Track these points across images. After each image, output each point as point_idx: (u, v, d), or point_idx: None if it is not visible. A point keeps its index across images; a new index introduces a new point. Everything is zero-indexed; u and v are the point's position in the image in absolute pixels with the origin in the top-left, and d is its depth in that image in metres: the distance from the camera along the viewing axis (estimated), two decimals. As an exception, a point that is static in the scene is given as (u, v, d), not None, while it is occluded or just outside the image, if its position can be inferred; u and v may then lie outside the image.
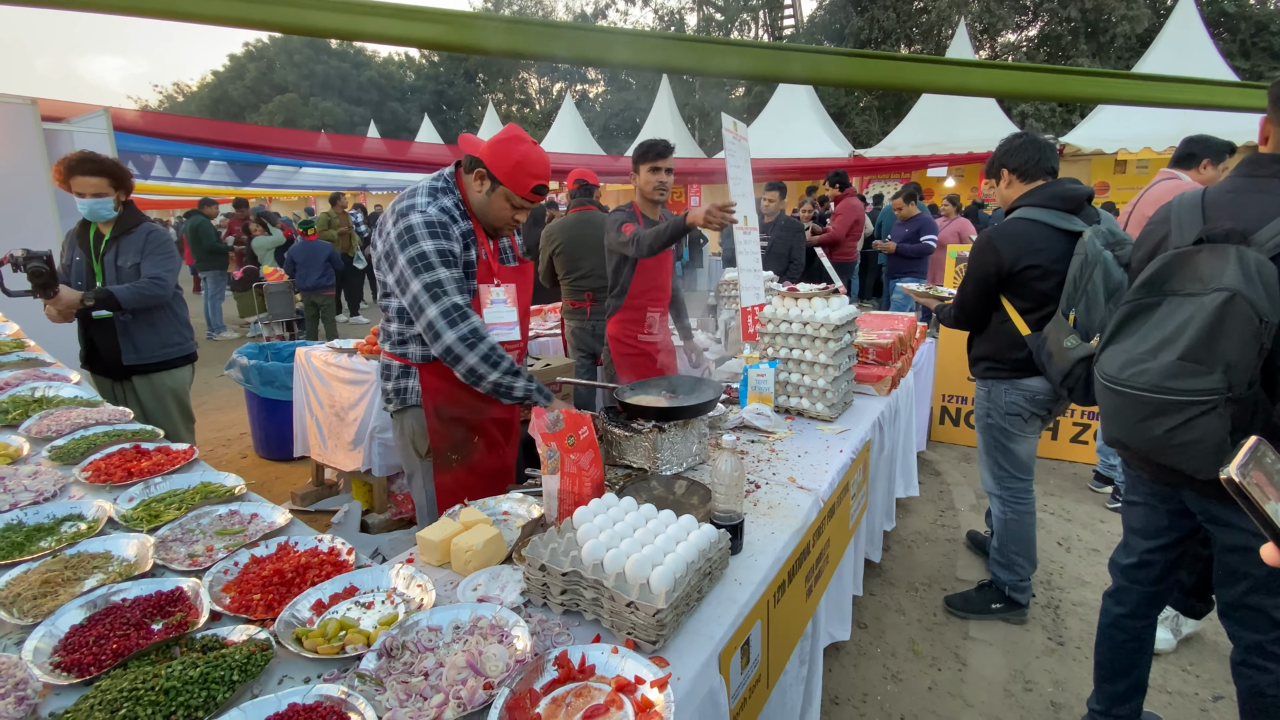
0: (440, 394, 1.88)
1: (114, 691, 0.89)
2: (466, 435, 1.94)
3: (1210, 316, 1.39)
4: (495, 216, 1.82)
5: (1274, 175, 1.47)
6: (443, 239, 1.71)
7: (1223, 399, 1.38)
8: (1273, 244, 1.39)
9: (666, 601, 1.06)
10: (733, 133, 3.26)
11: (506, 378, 1.72)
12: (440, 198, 1.77)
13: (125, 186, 2.83)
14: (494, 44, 2.30)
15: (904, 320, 3.26)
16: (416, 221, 1.69)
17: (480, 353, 1.68)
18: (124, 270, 2.78)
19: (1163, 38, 10.98)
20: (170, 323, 2.94)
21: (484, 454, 1.99)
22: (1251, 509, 0.53)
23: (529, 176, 1.76)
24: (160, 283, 2.80)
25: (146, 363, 2.88)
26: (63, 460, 1.74)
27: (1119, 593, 1.94)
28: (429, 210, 1.72)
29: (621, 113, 25.19)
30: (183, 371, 3.03)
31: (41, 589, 1.17)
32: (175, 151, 10.96)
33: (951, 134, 12.10)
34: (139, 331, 2.84)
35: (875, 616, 2.69)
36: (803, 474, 1.83)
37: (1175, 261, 1.50)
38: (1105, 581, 1.99)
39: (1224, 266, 1.39)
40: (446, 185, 1.82)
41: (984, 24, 18.84)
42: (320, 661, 1.02)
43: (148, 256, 2.81)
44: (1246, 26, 17.14)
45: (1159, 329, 1.50)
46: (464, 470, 1.95)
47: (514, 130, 1.80)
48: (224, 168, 15.37)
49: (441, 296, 1.67)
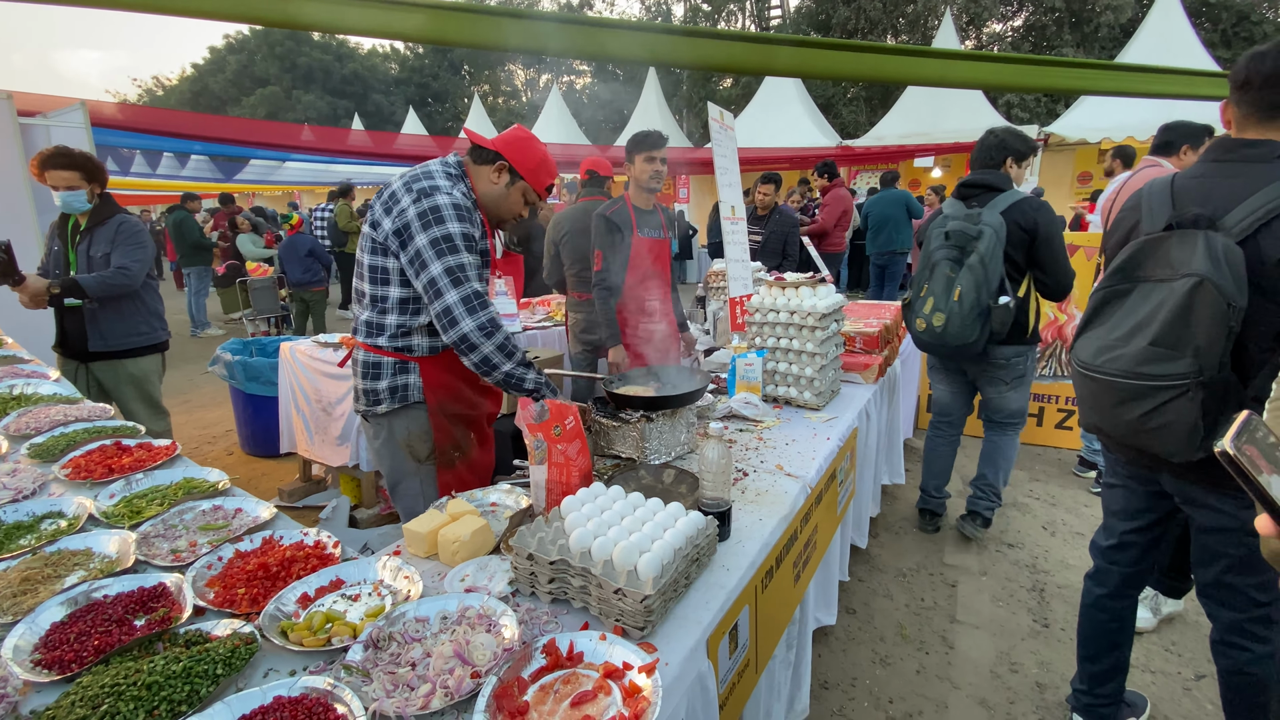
0: (445, 389, 1.84)
1: (95, 687, 0.88)
2: (465, 432, 1.92)
3: (1180, 302, 1.41)
4: (507, 210, 1.86)
5: (1241, 159, 1.49)
6: (468, 223, 1.69)
7: (1194, 382, 1.40)
8: (1240, 228, 1.41)
9: (654, 588, 1.06)
10: (719, 122, 3.25)
11: (519, 369, 1.71)
12: (456, 183, 1.75)
13: (98, 180, 2.91)
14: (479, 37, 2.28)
15: (890, 309, 3.28)
16: (444, 203, 1.65)
17: (496, 342, 1.66)
18: (95, 260, 2.87)
19: (1145, 27, 11.04)
20: (138, 312, 3.02)
21: (478, 451, 1.98)
22: (1247, 481, 0.55)
23: (549, 175, 1.86)
24: (126, 272, 2.87)
25: (112, 349, 2.96)
26: (42, 457, 1.71)
27: (1099, 574, 1.97)
28: (454, 193, 1.69)
29: (609, 104, 25.07)
30: (148, 360, 3.11)
31: (21, 586, 1.16)
32: (155, 146, 10.78)
33: (938, 124, 12.14)
34: (106, 319, 2.92)
35: (864, 602, 2.72)
36: (790, 461, 1.84)
37: (1146, 248, 1.52)
38: (1089, 564, 2.02)
39: (1192, 252, 1.41)
40: (460, 173, 1.80)
41: (970, 14, 18.89)
42: (306, 654, 1.02)
43: (118, 247, 2.88)
44: (1228, 16, 17.30)
45: (1131, 315, 1.52)
46: (464, 468, 1.92)
47: (526, 130, 1.88)
48: (205, 163, 15.14)
49: (463, 282, 1.63)
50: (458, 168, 1.80)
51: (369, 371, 1.81)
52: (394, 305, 1.75)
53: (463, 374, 1.85)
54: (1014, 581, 2.87)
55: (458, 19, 2.23)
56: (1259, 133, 1.48)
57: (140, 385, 3.09)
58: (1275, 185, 1.39)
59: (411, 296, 1.74)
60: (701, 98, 21.92)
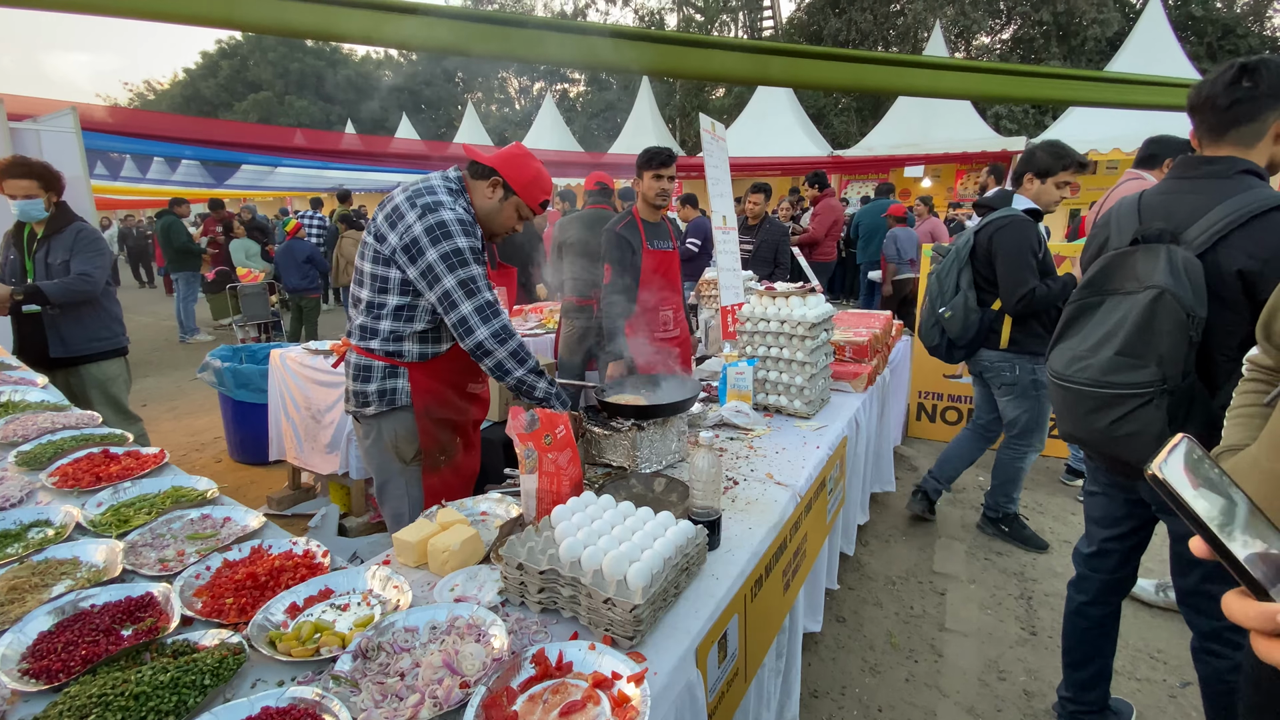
0: (431, 394, 1.87)
1: (83, 697, 0.88)
2: (451, 436, 1.95)
3: (1142, 313, 1.47)
4: (501, 224, 1.91)
5: (1203, 175, 1.55)
6: (472, 237, 1.75)
7: (1158, 390, 1.45)
8: (1199, 241, 1.46)
9: (643, 598, 1.07)
10: (711, 133, 3.29)
11: (530, 375, 1.79)
12: (457, 199, 1.81)
13: (55, 189, 2.98)
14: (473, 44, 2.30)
15: (880, 318, 3.31)
16: (450, 218, 1.72)
17: (510, 349, 1.74)
18: (54, 267, 2.93)
19: (1132, 41, 11.24)
20: (98, 318, 3.06)
21: (464, 455, 2.01)
22: (1177, 505, 0.55)
23: (541, 191, 1.90)
24: (88, 279, 2.92)
25: (73, 355, 3.00)
26: (29, 465, 1.70)
27: (1081, 581, 2.00)
28: (456, 208, 1.75)
29: (602, 112, 25.17)
30: (111, 365, 3.13)
31: (8, 595, 1.15)
32: (146, 150, 10.73)
33: (928, 135, 12.29)
34: (65, 326, 2.96)
35: (853, 610, 2.73)
36: (780, 470, 1.85)
37: (1114, 262, 1.59)
38: (1073, 572, 2.04)
39: (1155, 265, 1.47)
40: (460, 188, 1.86)
41: (959, 27, 19.14)
42: (295, 664, 1.02)
43: (77, 254, 2.94)
44: (1213, 30, 17.60)
45: (1100, 326, 1.58)
46: (450, 471, 1.95)
47: (522, 148, 1.93)
48: (196, 168, 15.06)
49: (476, 293, 1.71)
50: (458, 182, 1.86)
51: (360, 374, 1.86)
52: (390, 312, 1.80)
53: (449, 380, 1.91)
54: (1002, 590, 2.89)
55: (451, 26, 2.25)
56: (1215, 150, 1.54)
57: (105, 390, 3.12)
58: (1232, 200, 1.45)
59: (407, 305, 1.80)
60: (694, 106, 22.08)
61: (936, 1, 18.87)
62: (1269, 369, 1.21)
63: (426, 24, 2.16)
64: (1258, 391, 1.20)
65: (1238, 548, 0.54)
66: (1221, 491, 0.55)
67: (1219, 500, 0.55)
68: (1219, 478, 0.56)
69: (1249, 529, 0.55)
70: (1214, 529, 0.54)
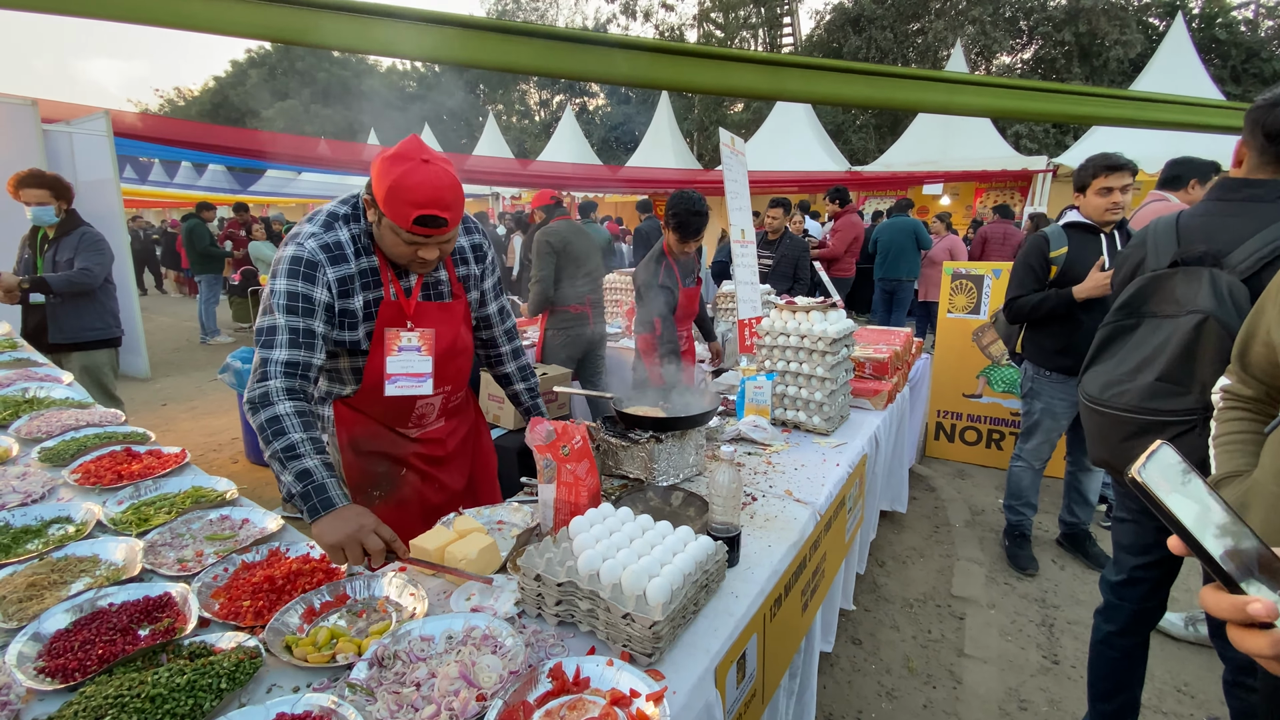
0: (357, 425, 1.62)
1: (99, 698, 0.87)
2: (391, 469, 1.69)
3: (1185, 338, 1.42)
4: (391, 252, 1.45)
5: (1246, 199, 1.50)
6: (304, 281, 1.39)
7: (1201, 418, 1.40)
8: (1244, 266, 1.42)
9: (663, 614, 1.05)
10: (730, 147, 3.29)
11: (275, 462, 1.29)
12: (338, 228, 1.46)
13: (65, 197, 3.43)
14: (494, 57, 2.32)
15: (900, 335, 3.27)
16: (286, 255, 1.41)
17: (258, 421, 1.31)
18: (60, 264, 3.38)
19: (1155, 63, 11.16)
20: (93, 310, 3.47)
21: (417, 487, 1.72)
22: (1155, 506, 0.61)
23: (407, 205, 1.34)
24: (88, 272, 3.35)
25: (69, 342, 3.43)
26: (52, 462, 1.72)
27: (1109, 610, 1.94)
28: (308, 244, 1.41)
29: (621, 125, 25.38)
30: (101, 354, 3.55)
31: (27, 592, 1.16)
32: (174, 156, 10.97)
33: (947, 152, 12.24)
34: (64, 315, 3.39)
35: (870, 632, 2.67)
36: (799, 487, 1.83)
37: (1151, 284, 1.54)
38: (1099, 600, 1.99)
39: (1198, 289, 1.43)
40: (352, 213, 1.49)
41: (979, 46, 19.11)
42: (310, 670, 1.01)
43: (80, 252, 3.37)
44: (1237, 53, 17.44)
45: (1137, 350, 1.53)
46: (393, 506, 1.68)
47: (404, 145, 1.39)
48: (222, 173, 15.36)
49: (262, 344, 1.38)
50: (357, 206, 1.51)
51: None
52: None
53: (378, 418, 1.64)
54: (1023, 616, 2.82)
55: (475, 39, 2.28)
56: (1260, 173, 1.50)
57: (93, 375, 3.53)
58: (1278, 225, 1.40)
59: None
60: (713, 121, 22.18)
61: (957, 20, 18.87)
62: (1248, 398, 1.20)
63: (453, 36, 2.19)
64: (1239, 419, 1.21)
65: (1211, 545, 0.60)
66: (1196, 495, 0.61)
67: (1194, 503, 0.61)
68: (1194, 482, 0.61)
69: (1223, 528, 0.60)
70: (1189, 528, 0.60)
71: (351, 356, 1.55)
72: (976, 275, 4.42)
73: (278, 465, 1.28)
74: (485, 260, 1.79)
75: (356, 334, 1.50)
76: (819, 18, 22.78)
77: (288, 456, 1.27)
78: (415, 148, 1.38)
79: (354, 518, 1.23)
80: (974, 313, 4.44)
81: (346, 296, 1.46)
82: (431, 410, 1.70)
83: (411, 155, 1.36)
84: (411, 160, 1.35)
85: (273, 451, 1.28)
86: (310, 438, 1.31)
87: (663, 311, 3.14)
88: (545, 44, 2.37)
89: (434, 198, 1.35)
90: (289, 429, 1.29)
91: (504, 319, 1.88)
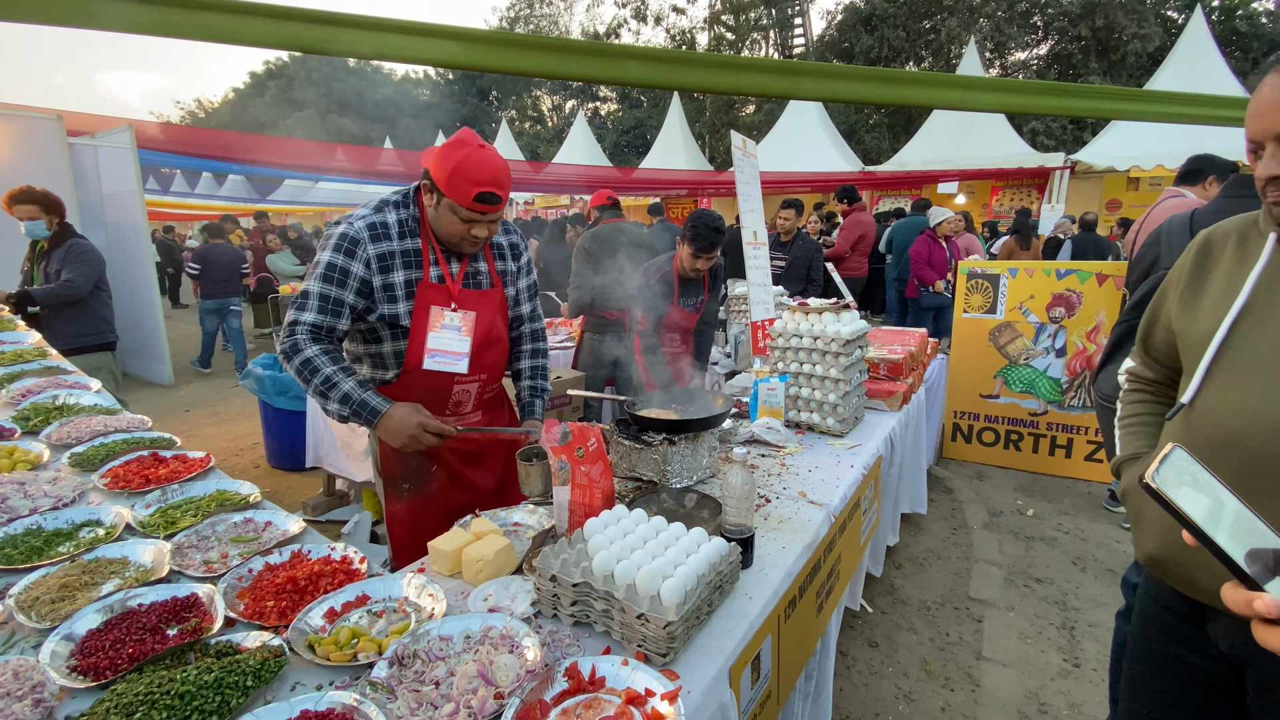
0: None
1: (130, 695, 0.90)
2: (423, 463, 1.79)
3: None
4: (445, 232, 1.63)
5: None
6: (344, 255, 1.58)
7: None
8: None
9: (677, 614, 1.06)
10: (742, 149, 3.30)
11: (318, 397, 1.57)
12: (388, 211, 1.65)
13: (56, 212, 3.64)
14: (508, 63, 2.35)
15: (915, 336, 3.25)
16: (336, 231, 1.60)
17: (294, 365, 1.57)
18: (50, 274, 3.58)
19: (1174, 56, 10.98)
20: (85, 317, 3.64)
21: (444, 485, 1.84)
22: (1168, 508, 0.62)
23: (469, 184, 1.53)
24: (70, 284, 3.52)
25: (64, 348, 3.44)
26: (82, 467, 1.76)
27: (1131, 612, 1.91)
28: (357, 223, 1.60)
29: (633, 129, 25.45)
30: (96, 357, 3.64)
31: (59, 593, 1.19)
32: (195, 166, 11.18)
33: (961, 151, 12.13)
34: (57, 322, 3.57)
35: (886, 635, 2.66)
36: (813, 489, 1.83)
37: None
38: (1121, 602, 1.96)
39: None
40: (403, 200, 1.69)
41: (994, 42, 18.91)
42: (333, 669, 1.03)
43: (67, 264, 3.56)
44: (1259, 45, 17.10)
45: None
46: (420, 501, 1.80)
47: (461, 134, 1.59)
48: (242, 183, 15.61)
49: (296, 306, 1.59)
50: (408, 195, 1.70)
51: None
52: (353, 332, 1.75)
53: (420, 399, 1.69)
54: (1043, 618, 2.79)
55: (488, 47, 2.31)
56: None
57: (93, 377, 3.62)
58: None
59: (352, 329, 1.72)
60: (724, 123, 22.15)
61: (970, 17, 18.69)
62: (1151, 381, 1.23)
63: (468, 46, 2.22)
64: (1143, 401, 1.26)
65: (1225, 542, 0.60)
66: (1210, 494, 0.61)
67: (1206, 501, 0.61)
68: (1208, 482, 0.62)
69: (1237, 525, 0.61)
70: (1202, 527, 0.60)
71: (394, 340, 1.69)
72: (993, 274, 4.37)
73: (320, 399, 1.56)
74: (520, 259, 1.92)
75: (397, 309, 1.65)
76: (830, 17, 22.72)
77: (327, 388, 1.55)
78: (471, 136, 1.59)
79: (404, 420, 1.55)
80: (990, 312, 4.40)
81: (386, 271, 1.63)
82: (468, 398, 1.81)
83: (470, 142, 1.57)
84: (470, 146, 1.56)
85: (314, 388, 1.55)
86: (340, 368, 1.57)
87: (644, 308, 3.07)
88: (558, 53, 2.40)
89: (492, 177, 1.56)
90: (320, 365, 1.55)
91: (534, 320, 2.00)
